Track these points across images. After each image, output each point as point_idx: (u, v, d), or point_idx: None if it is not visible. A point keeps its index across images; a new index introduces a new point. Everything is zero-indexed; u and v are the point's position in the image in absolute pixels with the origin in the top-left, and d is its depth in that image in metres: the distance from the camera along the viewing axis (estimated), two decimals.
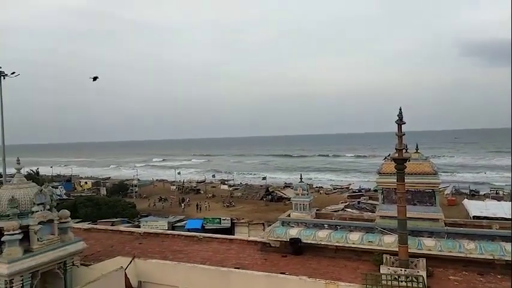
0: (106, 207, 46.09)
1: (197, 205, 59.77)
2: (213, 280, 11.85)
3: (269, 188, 71.38)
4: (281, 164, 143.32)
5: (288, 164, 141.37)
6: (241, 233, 36.10)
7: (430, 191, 15.48)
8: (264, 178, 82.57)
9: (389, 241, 14.26)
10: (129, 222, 41.17)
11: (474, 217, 34.38)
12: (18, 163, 12.57)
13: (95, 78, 36.30)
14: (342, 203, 54.06)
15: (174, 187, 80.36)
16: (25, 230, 11.24)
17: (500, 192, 61.16)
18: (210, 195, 72.56)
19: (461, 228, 14.88)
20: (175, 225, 40.62)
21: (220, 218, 40.84)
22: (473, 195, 61.18)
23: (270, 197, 66.54)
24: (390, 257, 12.49)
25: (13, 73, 39.02)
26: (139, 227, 34.73)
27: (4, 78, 38.33)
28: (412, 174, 14.89)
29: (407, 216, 12.38)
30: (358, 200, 56.16)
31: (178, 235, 19.50)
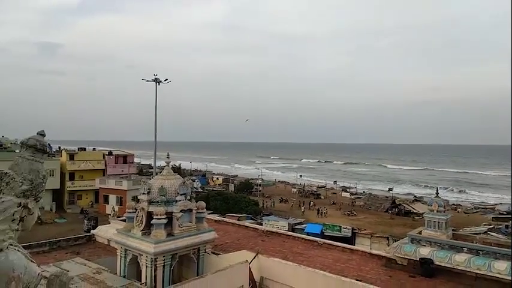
0: (233, 202, 49.66)
1: (318, 210, 59.55)
2: None
3: (396, 200, 66.48)
4: (409, 175, 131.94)
5: (417, 176, 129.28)
6: (363, 245, 34.44)
7: None
8: (391, 189, 77.29)
9: None
10: (252, 219, 43.47)
11: None
12: (168, 157, 14.49)
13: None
14: (485, 225, 46.84)
15: (295, 190, 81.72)
16: (169, 216, 12.89)
17: None
18: (331, 201, 71.44)
19: None
20: (295, 227, 41.19)
21: (340, 226, 39.80)
22: None
23: (396, 209, 61.91)
24: None
25: (166, 80, 45.46)
26: (261, 224, 36.37)
27: (159, 84, 44.95)
28: None
29: None
30: (507, 223, 47.76)
31: (298, 237, 19.73)
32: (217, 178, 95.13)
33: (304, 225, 42.34)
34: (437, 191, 17.34)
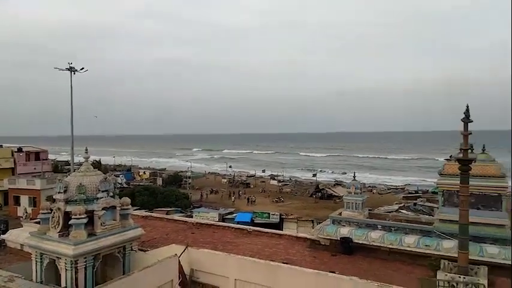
0: (161, 197, 48.37)
1: (248, 198, 60.71)
2: (262, 273, 11.97)
3: (319, 185, 70.43)
4: (335, 161, 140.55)
5: (339, 161, 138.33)
6: (290, 229, 36.04)
7: (496, 195, 14.35)
8: (314, 175, 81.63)
9: (449, 246, 13.50)
10: (182, 212, 42.85)
11: None
12: (86, 152, 13.54)
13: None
14: (397, 204, 51.88)
15: (225, 180, 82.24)
16: (90, 215, 12.10)
17: None
18: (259, 190, 73.24)
19: None
20: (226, 217, 41.57)
21: (269, 213, 41.11)
22: None
23: (319, 194, 65.68)
24: (448, 263, 11.77)
25: (82, 69, 42.21)
26: (191, 217, 36.04)
27: (74, 73, 41.59)
28: (477, 176, 13.90)
29: (469, 221, 11.58)
30: (415, 201, 53.47)
31: (228, 227, 19.96)
32: (144, 172, 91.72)
33: (234, 215, 42.91)
34: (354, 175, 18.68)
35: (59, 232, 11.72)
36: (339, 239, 15.64)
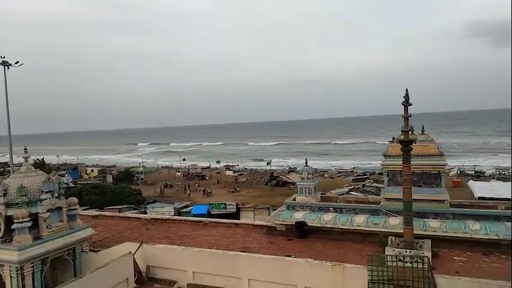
0: (112, 195, 46.56)
1: (204, 190, 60.24)
2: (220, 264, 12.01)
3: (274, 173, 71.56)
4: (285, 149, 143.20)
5: (292, 149, 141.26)
6: (247, 218, 36.42)
7: (436, 172, 15.45)
8: (269, 163, 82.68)
9: (395, 223, 14.34)
10: (135, 209, 41.63)
11: (479, 198, 34.32)
12: (26, 152, 12.65)
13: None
14: (347, 186, 54.17)
15: (180, 173, 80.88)
16: (34, 218, 11.38)
17: (506, 173, 60.93)
18: (215, 181, 72.95)
19: (467, 209, 14.91)
20: (182, 211, 41.02)
21: (225, 204, 41.15)
22: (479, 176, 60.96)
23: (274, 181, 66.76)
24: (395, 239, 12.57)
25: (17, 63, 39.02)
26: (146, 213, 35.12)
27: (8, 68, 38.35)
28: (418, 156, 14.85)
29: (412, 198, 12.40)
30: (363, 183, 56.21)
31: (184, 220, 19.75)
32: (92, 170, 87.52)
33: (190, 208, 42.47)
34: (306, 160, 19.17)
35: (0, 238, 10.94)
36: (294, 223, 16.06)
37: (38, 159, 74.20)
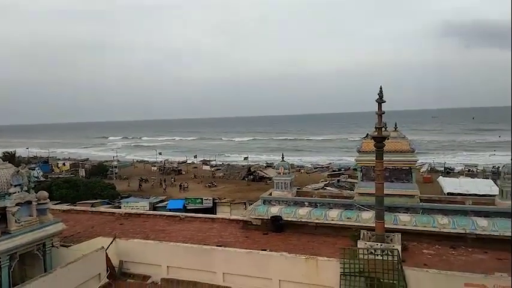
0: (85, 189, 45.45)
1: (180, 185, 59.70)
2: (195, 258, 11.98)
3: (251, 168, 71.71)
4: (262, 144, 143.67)
5: (270, 144, 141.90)
6: (223, 213, 36.35)
7: (407, 168, 15.92)
8: (246, 158, 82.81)
9: (367, 217, 14.70)
10: (109, 204, 40.82)
11: (448, 193, 35.61)
12: None
13: None
14: (322, 181, 55.00)
15: (155, 168, 79.77)
16: (2, 212, 11.01)
17: (474, 170, 63.40)
18: (192, 176, 72.41)
19: (436, 204, 15.47)
20: (157, 205, 40.55)
21: (202, 198, 40.94)
22: (448, 172, 63.19)
23: (251, 177, 66.95)
24: (367, 232, 12.89)
25: None
26: (120, 208, 34.50)
27: None
28: (390, 152, 15.24)
29: (384, 193, 12.74)
30: (338, 178, 57.24)
31: (160, 215, 19.55)
32: (64, 164, 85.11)
33: (166, 203, 42.02)
34: (282, 156, 19.31)
35: None
36: (269, 218, 16.19)
37: (7, 152, 71.46)
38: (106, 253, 11.97)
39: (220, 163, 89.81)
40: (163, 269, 12.23)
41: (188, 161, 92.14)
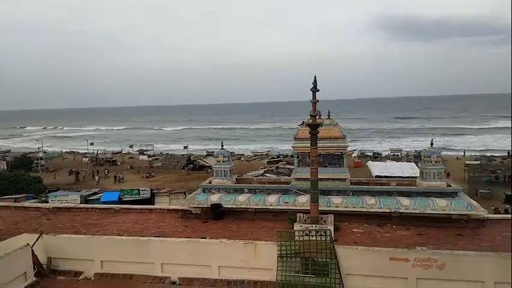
0: (7, 183, 41.57)
1: (115, 176, 57.07)
2: (131, 250, 11.57)
3: (191, 157, 70.69)
4: (202, 133, 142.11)
5: (209, 133, 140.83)
6: (162, 203, 35.58)
7: (339, 154, 16.83)
8: (186, 147, 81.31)
9: (303, 201, 15.33)
10: (35, 198, 37.77)
11: (376, 176, 38.42)
12: None
13: None
14: (262, 168, 56.04)
15: (87, 159, 75.21)
16: None
17: (399, 154, 68.85)
18: (127, 166, 69.55)
19: (364, 186, 16.58)
20: (89, 198, 38.36)
21: (139, 189, 39.55)
22: (376, 157, 67.92)
23: (191, 166, 66.08)
24: (303, 215, 13.48)
25: None
26: (47, 202, 32.11)
27: None
28: (323, 138, 15.99)
29: (318, 177, 13.34)
30: (277, 165, 58.72)
31: (92, 208, 18.58)
32: None
33: (99, 195, 39.96)
34: (222, 144, 19.27)
35: None
36: (209, 206, 16.18)
37: None
38: (32, 250, 11.11)
39: (159, 153, 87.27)
40: (97, 263, 11.66)
41: (124, 151, 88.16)
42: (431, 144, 16.37)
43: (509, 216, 16.69)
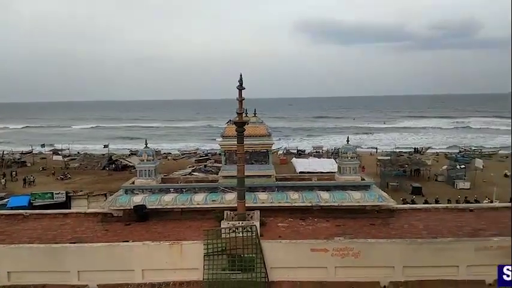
0: None
1: (25, 179, 51.62)
2: (44, 259, 10.62)
3: (112, 157, 66.77)
4: (124, 132, 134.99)
5: (132, 131, 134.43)
6: (80, 207, 33.06)
7: (265, 151, 17.28)
8: (106, 146, 76.59)
9: (230, 198, 15.42)
10: None
11: (300, 172, 40.13)
12: None
13: None
14: (190, 167, 55.08)
15: None
16: None
17: (320, 151, 72.76)
18: (39, 168, 63.43)
19: (288, 182, 17.25)
20: None
21: (52, 192, 36.26)
22: (300, 154, 70.94)
23: (113, 166, 62.39)
24: (230, 213, 13.57)
25: None
26: None
27: None
28: (250, 136, 16.24)
29: (245, 174, 13.54)
30: (205, 163, 58.21)
31: None
32: None
33: (6, 200, 35.88)
34: (146, 142, 18.58)
35: None
36: (132, 207, 15.47)
37: None
38: None
39: (76, 152, 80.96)
40: (3, 275, 10.50)
41: (35, 151, 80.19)
42: (348, 141, 17.58)
43: (415, 206, 18.74)
